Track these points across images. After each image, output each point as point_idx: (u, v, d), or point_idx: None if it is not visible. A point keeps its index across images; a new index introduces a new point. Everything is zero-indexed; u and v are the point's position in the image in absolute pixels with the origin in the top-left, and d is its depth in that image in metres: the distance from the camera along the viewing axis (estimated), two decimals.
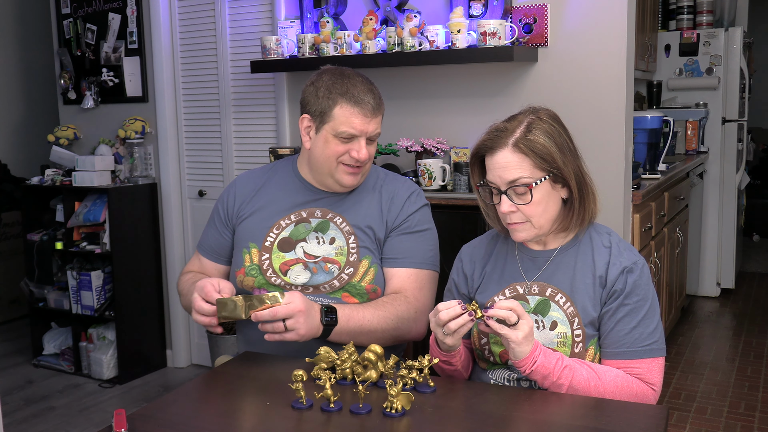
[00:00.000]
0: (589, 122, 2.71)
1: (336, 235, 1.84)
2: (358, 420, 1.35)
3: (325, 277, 1.81)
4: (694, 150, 4.66)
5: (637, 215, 3.08)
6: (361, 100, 1.77)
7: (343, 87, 1.78)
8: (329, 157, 1.80)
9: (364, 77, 1.83)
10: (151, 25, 3.75)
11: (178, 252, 3.87)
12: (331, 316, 1.67)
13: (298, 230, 1.85)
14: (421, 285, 1.85)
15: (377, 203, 1.88)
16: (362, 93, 1.78)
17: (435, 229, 1.94)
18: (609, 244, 1.59)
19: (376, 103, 1.80)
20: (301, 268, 1.82)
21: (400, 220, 1.87)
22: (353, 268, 1.81)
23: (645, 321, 1.53)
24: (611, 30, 2.69)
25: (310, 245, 1.84)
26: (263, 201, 1.91)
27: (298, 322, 1.59)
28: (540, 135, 1.52)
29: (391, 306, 1.77)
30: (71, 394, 3.63)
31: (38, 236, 3.97)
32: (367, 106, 1.78)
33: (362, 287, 1.81)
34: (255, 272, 1.84)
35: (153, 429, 1.35)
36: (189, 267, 2.04)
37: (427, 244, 1.89)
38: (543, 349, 1.47)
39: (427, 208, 1.94)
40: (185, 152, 3.82)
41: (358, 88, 1.78)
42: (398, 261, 1.85)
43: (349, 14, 3.13)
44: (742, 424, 3.10)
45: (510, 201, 1.53)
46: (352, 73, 1.82)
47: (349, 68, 1.86)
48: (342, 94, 1.77)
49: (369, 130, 1.80)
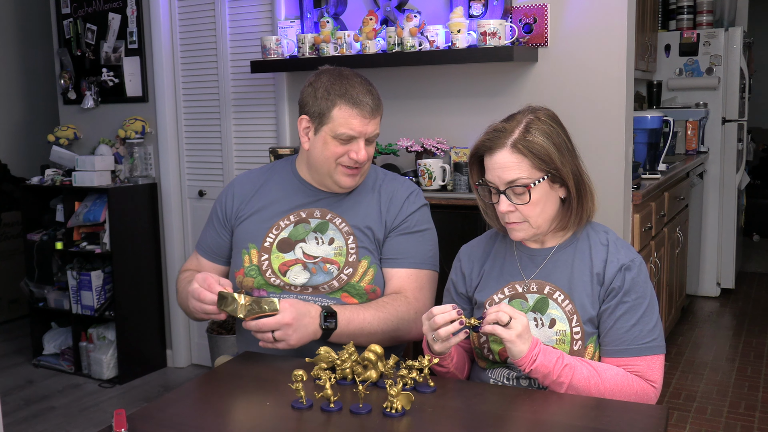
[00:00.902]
0: (589, 122, 2.71)
1: (335, 236, 1.84)
2: (358, 420, 1.35)
3: (324, 278, 1.81)
4: (694, 150, 4.66)
5: (637, 215, 3.08)
6: (359, 101, 1.76)
7: (341, 88, 1.77)
8: (328, 159, 1.80)
9: (363, 78, 1.83)
10: (151, 25, 3.75)
11: (178, 252, 3.87)
12: (331, 320, 1.67)
13: (297, 231, 1.85)
14: (421, 285, 1.85)
15: (376, 203, 1.88)
16: (361, 94, 1.77)
17: (434, 228, 1.94)
18: (606, 242, 1.60)
19: (375, 104, 1.79)
20: (301, 269, 1.82)
21: (400, 220, 1.87)
22: (352, 269, 1.81)
23: (644, 318, 1.54)
24: (611, 30, 2.69)
25: (310, 246, 1.83)
26: (262, 202, 1.91)
27: (286, 334, 1.60)
28: (538, 136, 1.53)
29: (392, 307, 1.77)
30: (71, 394, 3.62)
31: (38, 236, 3.97)
32: (365, 107, 1.77)
33: (361, 288, 1.81)
34: (254, 273, 1.84)
35: (153, 429, 1.35)
36: (187, 265, 2.03)
37: (426, 244, 1.89)
38: (543, 348, 1.47)
39: (427, 208, 1.94)
40: (185, 152, 3.82)
41: (357, 89, 1.77)
42: (398, 261, 1.85)
43: (349, 14, 3.13)
44: (742, 424, 3.10)
45: (508, 201, 1.54)
46: (351, 74, 1.81)
47: (347, 69, 1.85)
48: (341, 95, 1.76)
49: (368, 132, 1.79)
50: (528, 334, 1.46)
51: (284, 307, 1.60)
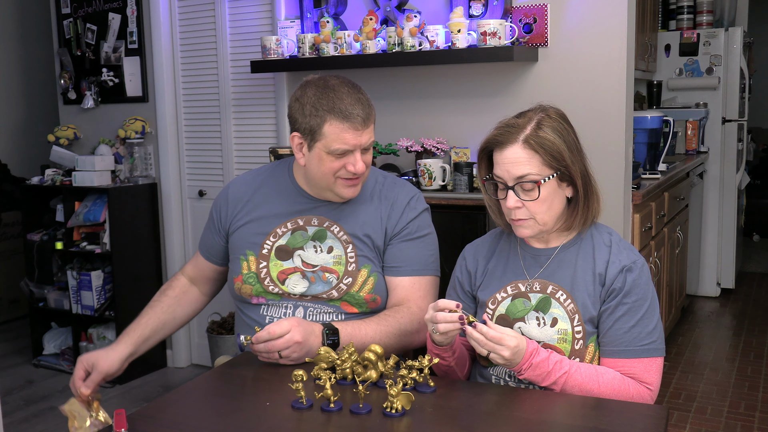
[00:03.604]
0: (589, 122, 2.71)
1: (334, 244, 1.81)
2: (358, 420, 1.35)
3: (323, 287, 1.79)
4: (694, 150, 4.66)
5: (637, 215, 3.08)
6: (349, 114, 1.69)
7: (329, 102, 1.69)
8: (326, 174, 1.75)
9: (351, 85, 1.74)
10: (151, 25, 3.75)
11: (178, 252, 3.87)
12: (333, 338, 1.66)
13: (295, 239, 1.83)
14: (425, 293, 1.84)
15: (376, 211, 1.85)
16: (350, 106, 1.69)
17: (435, 232, 1.92)
18: (609, 242, 1.60)
19: (366, 113, 1.71)
20: (299, 277, 1.80)
21: (401, 227, 1.84)
22: (352, 278, 1.79)
23: (644, 320, 1.54)
24: (611, 30, 2.69)
25: (308, 254, 1.81)
26: (258, 208, 1.88)
27: (293, 351, 1.60)
28: (550, 132, 1.53)
29: (393, 320, 1.76)
30: (71, 394, 3.61)
31: (38, 236, 3.97)
32: (356, 119, 1.69)
33: (361, 297, 1.79)
34: (253, 280, 1.83)
35: (153, 429, 1.35)
36: (184, 269, 2.05)
37: (427, 249, 1.87)
38: (539, 354, 1.48)
39: (427, 212, 1.92)
40: (185, 152, 3.82)
41: (345, 101, 1.69)
42: (401, 269, 1.83)
43: (349, 14, 3.13)
44: (742, 424, 3.10)
45: (516, 197, 1.54)
46: (338, 84, 1.73)
47: (334, 77, 1.76)
48: (329, 110, 1.69)
49: (362, 142, 1.72)
50: (520, 349, 1.46)
51: (293, 324, 1.59)
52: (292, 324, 1.59)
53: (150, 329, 1.90)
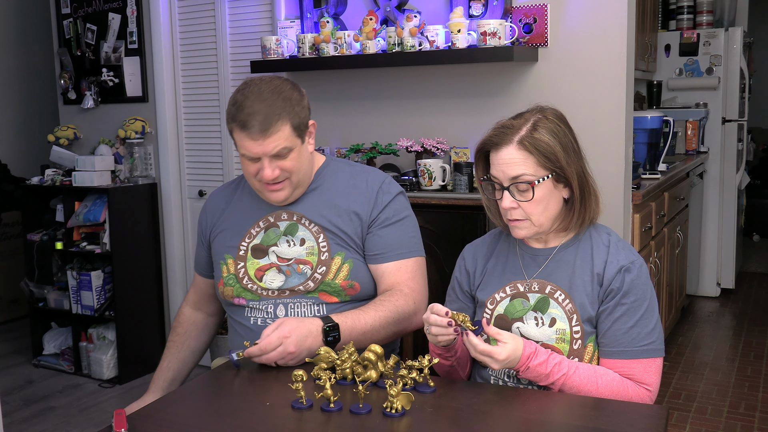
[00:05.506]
0: (589, 122, 2.71)
1: (305, 236, 1.83)
2: (358, 420, 1.35)
3: (299, 279, 1.81)
4: (694, 150, 4.66)
5: (637, 215, 3.08)
6: (246, 123, 1.68)
7: (233, 109, 1.70)
8: (249, 177, 1.79)
9: (265, 90, 1.71)
10: (151, 25, 3.75)
11: (178, 252, 3.87)
12: (333, 333, 1.66)
13: (268, 236, 1.85)
14: (413, 274, 1.85)
15: (344, 199, 1.85)
16: (250, 115, 1.67)
17: (413, 214, 1.92)
18: (608, 243, 1.60)
19: (263, 125, 1.67)
20: (275, 272, 1.82)
21: (377, 212, 1.85)
22: (325, 267, 1.80)
23: (642, 321, 1.54)
24: (611, 30, 2.69)
25: (282, 248, 1.83)
26: (233, 214, 1.92)
27: (288, 361, 1.60)
28: (545, 134, 1.53)
29: (390, 303, 1.77)
30: (71, 394, 3.62)
31: (38, 236, 3.97)
32: (252, 129, 1.67)
33: (337, 285, 1.80)
34: (232, 281, 1.85)
35: (153, 429, 1.35)
36: (186, 298, 2.08)
37: (408, 232, 1.87)
38: (537, 357, 1.48)
39: (402, 195, 1.91)
40: (185, 152, 3.82)
41: (246, 110, 1.68)
42: (384, 256, 1.84)
43: (349, 14, 3.13)
44: (742, 424, 3.10)
45: (511, 197, 1.54)
46: (251, 90, 1.71)
47: (257, 78, 1.75)
48: (231, 118, 1.71)
49: (267, 151, 1.70)
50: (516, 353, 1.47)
51: (283, 336, 1.58)
52: (283, 335, 1.58)
53: (173, 372, 2.03)
